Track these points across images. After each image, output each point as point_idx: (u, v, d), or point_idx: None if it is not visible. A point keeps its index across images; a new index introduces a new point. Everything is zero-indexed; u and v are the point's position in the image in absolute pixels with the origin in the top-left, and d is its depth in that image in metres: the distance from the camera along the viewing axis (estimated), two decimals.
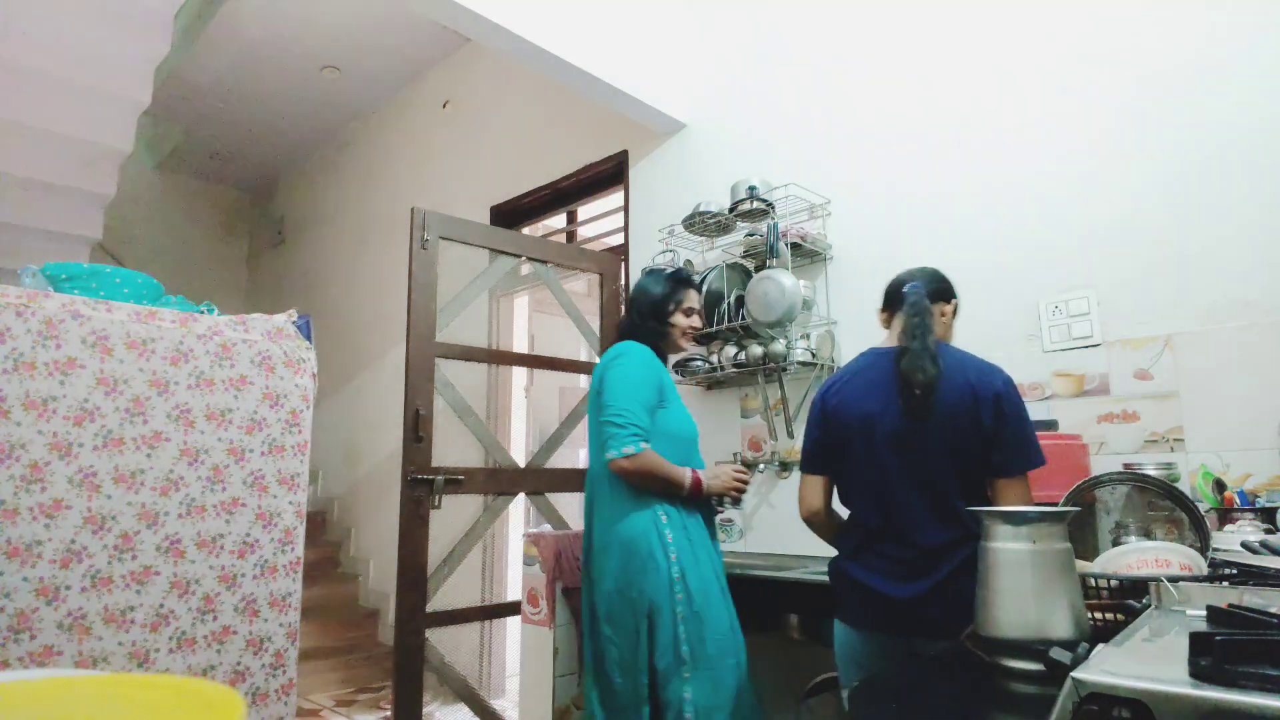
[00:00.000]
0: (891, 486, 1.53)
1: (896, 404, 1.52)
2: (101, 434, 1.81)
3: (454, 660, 3.01)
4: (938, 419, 1.49)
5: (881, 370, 1.59)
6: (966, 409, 1.49)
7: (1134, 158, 2.07)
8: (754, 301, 2.49)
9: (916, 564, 1.48)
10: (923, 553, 1.48)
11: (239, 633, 1.96)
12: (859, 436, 1.58)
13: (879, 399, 1.56)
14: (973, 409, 1.49)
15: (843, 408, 1.62)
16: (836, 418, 1.63)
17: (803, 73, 2.85)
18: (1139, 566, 1.21)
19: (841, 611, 1.62)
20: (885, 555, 1.53)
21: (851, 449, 1.59)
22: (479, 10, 2.44)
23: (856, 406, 1.59)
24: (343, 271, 5.43)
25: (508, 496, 3.00)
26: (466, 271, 3.03)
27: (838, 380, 1.68)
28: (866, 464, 1.57)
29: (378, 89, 5.02)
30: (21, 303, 1.75)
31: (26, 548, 1.68)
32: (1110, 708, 0.61)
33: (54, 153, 3.78)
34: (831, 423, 1.64)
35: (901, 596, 1.48)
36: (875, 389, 1.58)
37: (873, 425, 1.55)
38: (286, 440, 2.12)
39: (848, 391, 1.63)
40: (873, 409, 1.56)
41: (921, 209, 2.46)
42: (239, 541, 1.99)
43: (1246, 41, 1.93)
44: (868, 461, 1.56)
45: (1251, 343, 1.85)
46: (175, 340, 1.96)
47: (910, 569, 1.48)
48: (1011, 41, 2.33)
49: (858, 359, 1.70)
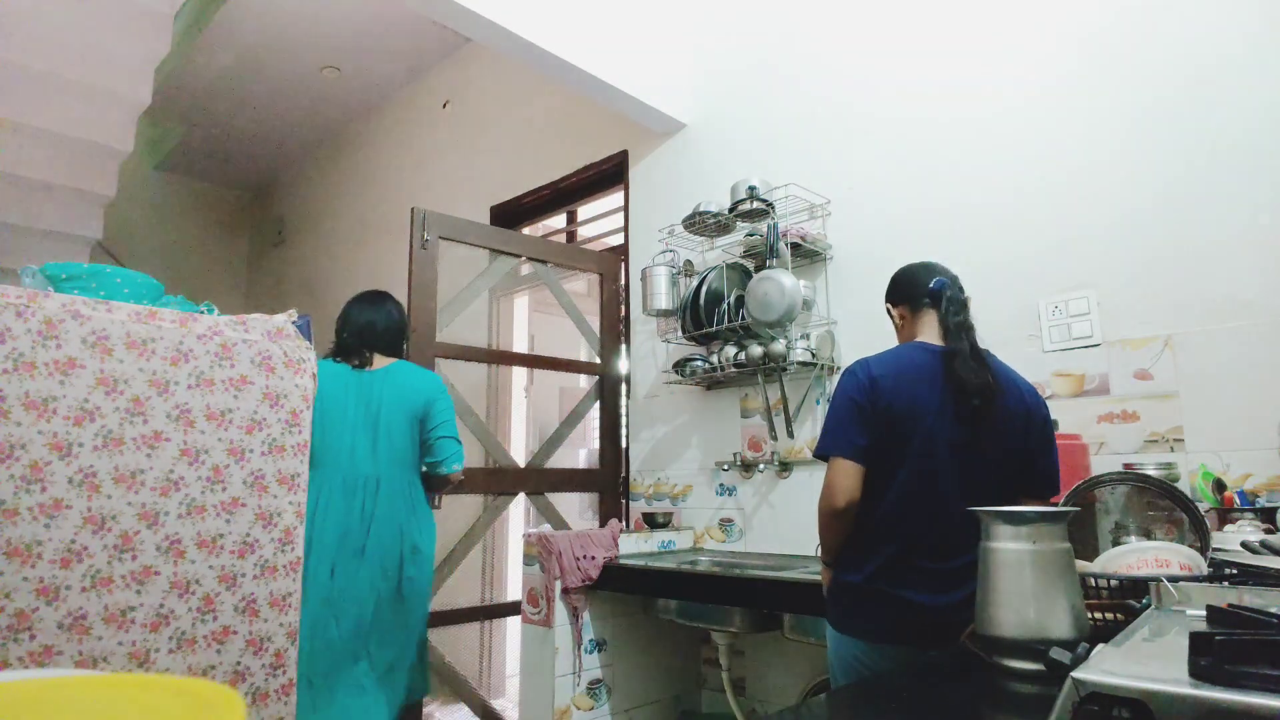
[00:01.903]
0: (943, 495, 1.43)
1: (951, 407, 1.44)
2: (101, 434, 1.81)
3: (454, 660, 3.00)
4: (993, 429, 1.45)
5: (930, 368, 1.48)
6: (1020, 424, 1.48)
7: (1134, 158, 2.07)
8: (754, 301, 2.49)
9: (951, 578, 1.41)
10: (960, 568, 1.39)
11: (239, 633, 1.96)
12: (918, 435, 1.44)
13: (935, 399, 1.45)
14: (1025, 426, 1.48)
15: (900, 397, 1.45)
16: (893, 407, 1.45)
17: (803, 73, 2.85)
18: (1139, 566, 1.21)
19: (854, 624, 1.49)
20: (919, 569, 1.43)
21: (907, 446, 1.44)
22: (479, 10, 2.44)
23: (915, 400, 1.45)
24: (343, 271, 5.43)
25: (508, 496, 3.00)
26: (466, 271, 3.03)
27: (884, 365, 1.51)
28: (919, 466, 1.44)
29: (378, 89, 5.02)
30: (21, 303, 1.75)
31: (26, 548, 1.68)
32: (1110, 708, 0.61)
33: (54, 153, 3.78)
34: (887, 410, 1.45)
35: (938, 605, 1.41)
36: (928, 386, 1.46)
37: (932, 425, 1.44)
38: (286, 440, 2.12)
39: (903, 381, 1.47)
40: (931, 407, 1.44)
41: (921, 209, 2.46)
42: (239, 541, 1.99)
43: (1247, 41, 1.93)
44: (921, 464, 1.44)
45: (1251, 343, 1.85)
46: (175, 340, 1.96)
47: (945, 582, 1.42)
48: (1011, 42, 2.33)
49: (903, 349, 1.55)
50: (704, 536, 2.90)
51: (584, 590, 2.46)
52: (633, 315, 3.28)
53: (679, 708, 2.78)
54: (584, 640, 2.47)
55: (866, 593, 1.47)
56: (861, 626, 1.48)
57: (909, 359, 1.52)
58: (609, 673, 2.54)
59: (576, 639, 2.45)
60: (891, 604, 1.44)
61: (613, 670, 2.55)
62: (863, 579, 1.47)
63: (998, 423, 1.46)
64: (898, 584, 1.43)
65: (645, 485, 3.14)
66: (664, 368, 3.01)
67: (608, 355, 3.28)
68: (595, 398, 3.28)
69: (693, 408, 3.01)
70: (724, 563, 2.55)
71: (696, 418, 3.00)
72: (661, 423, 3.11)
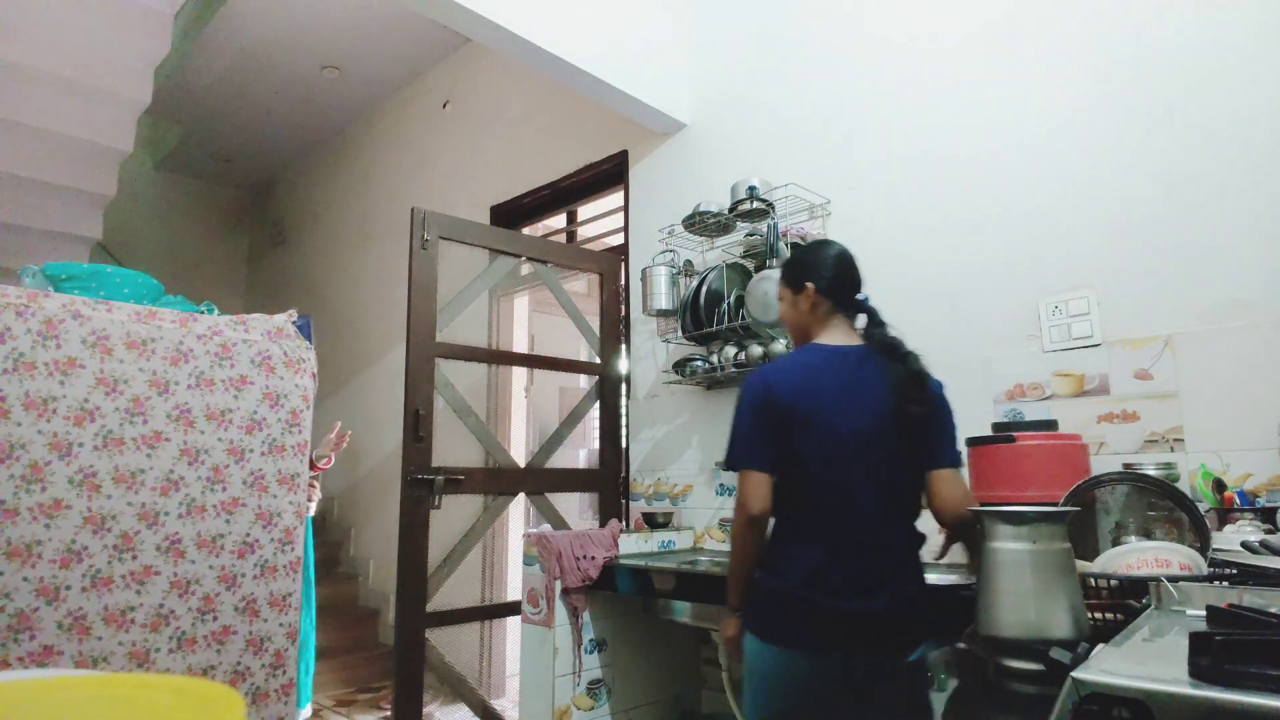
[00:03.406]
0: (855, 493, 1.44)
1: (859, 405, 1.46)
2: (101, 434, 1.81)
3: (454, 660, 3.00)
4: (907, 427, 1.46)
5: (839, 368, 1.50)
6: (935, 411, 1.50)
7: (1135, 158, 2.07)
8: (754, 301, 2.49)
9: (873, 579, 1.42)
10: (882, 562, 1.44)
11: (239, 633, 1.96)
12: (822, 436, 1.45)
13: (840, 399, 1.47)
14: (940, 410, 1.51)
15: (795, 401, 1.47)
16: (791, 411, 1.46)
17: (803, 73, 2.85)
18: (1139, 566, 1.21)
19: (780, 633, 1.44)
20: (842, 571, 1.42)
21: (816, 449, 1.45)
22: (479, 10, 2.44)
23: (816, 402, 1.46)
24: (343, 271, 5.43)
25: (508, 496, 3.00)
26: (466, 271, 3.03)
27: (782, 372, 1.52)
28: (828, 467, 1.45)
29: (378, 89, 5.02)
30: (21, 303, 1.75)
31: (26, 548, 1.68)
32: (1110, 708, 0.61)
33: (54, 153, 3.78)
34: (785, 416, 1.46)
35: (862, 611, 1.40)
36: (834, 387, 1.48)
37: (836, 425, 1.45)
38: (286, 440, 2.12)
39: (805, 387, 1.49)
40: (834, 407, 1.46)
41: (921, 209, 2.46)
42: (239, 541, 1.99)
43: (1248, 41, 1.93)
44: (830, 465, 1.45)
45: (1251, 343, 1.85)
46: (175, 340, 1.96)
47: (867, 585, 1.42)
48: (1012, 41, 2.33)
49: (803, 355, 1.56)
50: (704, 536, 2.90)
51: (584, 590, 2.46)
52: (633, 315, 3.28)
53: (679, 708, 2.78)
54: (584, 640, 2.47)
55: (792, 599, 1.44)
56: (788, 635, 1.44)
57: (810, 362, 1.52)
58: (609, 673, 2.54)
59: (576, 639, 2.45)
60: (818, 611, 1.41)
61: (613, 670, 2.55)
62: (788, 585, 1.44)
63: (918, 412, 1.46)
64: (822, 589, 1.41)
65: (645, 485, 3.14)
66: (664, 368, 3.01)
67: (608, 355, 3.28)
68: (595, 398, 3.28)
69: (693, 408, 3.01)
70: (724, 563, 2.55)
71: (696, 418, 2.99)
72: (661, 423, 3.11)
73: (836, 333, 1.57)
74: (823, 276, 1.58)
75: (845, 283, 1.59)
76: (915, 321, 2.43)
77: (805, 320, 1.60)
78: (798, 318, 1.62)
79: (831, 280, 1.58)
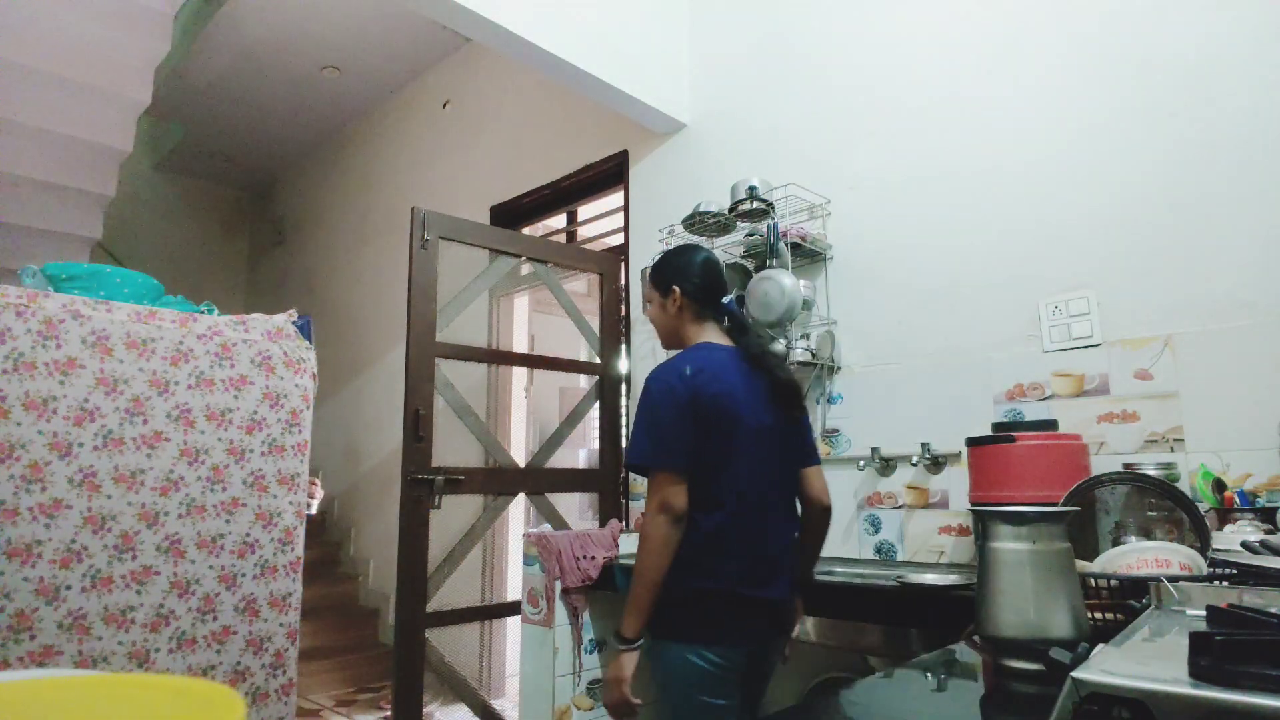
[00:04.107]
0: (768, 488, 1.51)
1: (760, 401, 1.52)
2: (101, 434, 1.81)
3: (454, 660, 3.01)
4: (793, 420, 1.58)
5: (740, 369, 1.53)
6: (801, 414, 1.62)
7: (1135, 158, 2.07)
8: (754, 301, 2.49)
9: (775, 565, 1.51)
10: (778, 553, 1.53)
11: (239, 633, 1.96)
12: (744, 433, 1.48)
13: (748, 395, 1.50)
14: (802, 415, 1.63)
15: (719, 395, 1.47)
16: (716, 406, 1.46)
17: (803, 73, 2.85)
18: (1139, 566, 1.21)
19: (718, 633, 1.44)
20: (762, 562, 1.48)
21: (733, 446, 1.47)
22: (479, 10, 2.44)
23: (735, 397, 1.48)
24: (343, 271, 5.43)
25: (508, 496, 3.00)
26: (466, 271, 3.03)
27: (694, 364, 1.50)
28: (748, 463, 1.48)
29: (378, 89, 5.02)
30: (21, 303, 1.75)
31: (26, 548, 1.68)
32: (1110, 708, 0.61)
33: (54, 153, 3.78)
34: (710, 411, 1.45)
35: (772, 599, 1.49)
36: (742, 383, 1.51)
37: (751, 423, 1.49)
38: (286, 440, 2.12)
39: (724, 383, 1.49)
40: (748, 402, 1.49)
41: (921, 209, 2.46)
42: (239, 541, 1.99)
43: (1248, 41, 1.93)
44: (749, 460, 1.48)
45: (1251, 343, 1.85)
46: (175, 340, 1.96)
47: (772, 572, 1.50)
48: (1012, 41, 2.33)
49: (703, 351, 1.55)
50: None
51: (584, 590, 2.46)
52: (633, 315, 3.28)
53: None
54: (584, 640, 2.47)
55: (727, 596, 1.44)
56: (728, 633, 1.44)
57: (716, 358, 1.54)
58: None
59: (576, 639, 2.45)
60: (749, 604, 1.46)
61: None
62: (722, 584, 1.44)
63: (797, 414, 1.58)
64: (750, 583, 1.46)
65: (645, 485, 3.13)
66: None
67: (608, 355, 3.28)
68: (595, 398, 3.28)
69: None
70: None
71: None
72: None
73: (711, 335, 1.61)
74: (690, 280, 1.62)
75: (711, 287, 1.64)
76: (915, 321, 2.44)
77: (675, 323, 1.65)
78: (668, 320, 1.66)
79: (699, 285, 1.62)
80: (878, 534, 2.42)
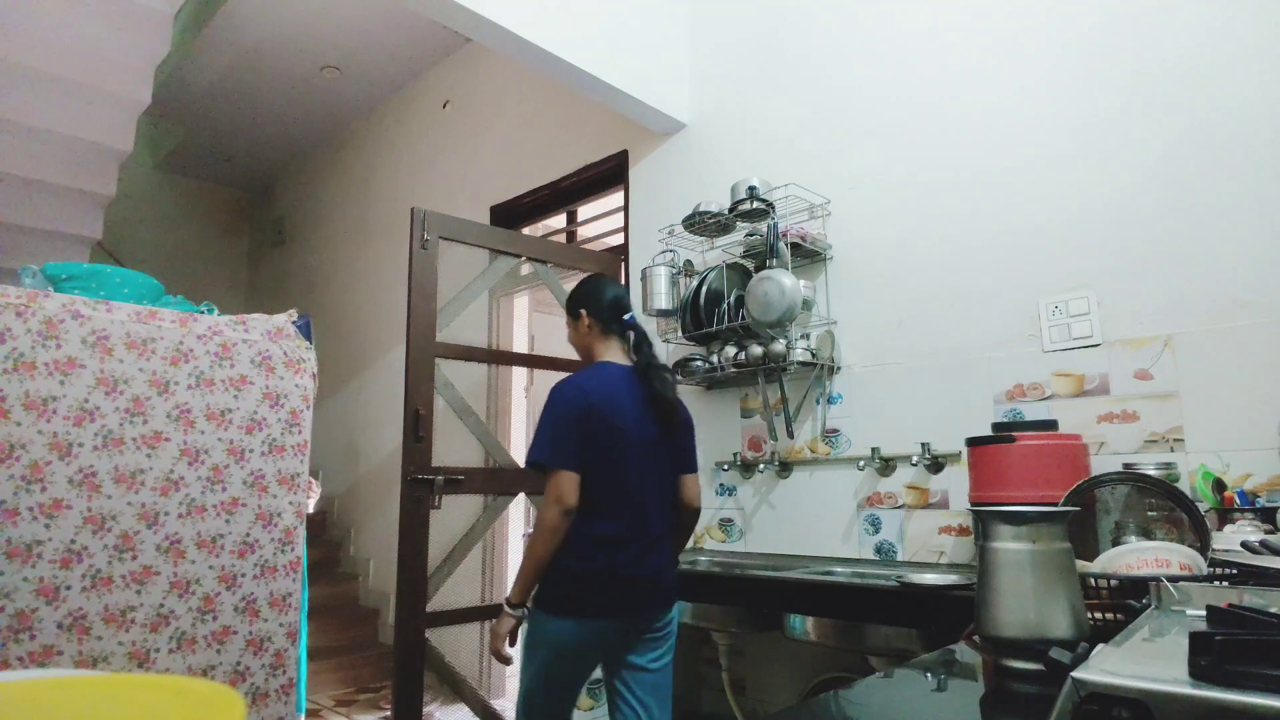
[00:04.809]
0: (645, 489, 1.76)
1: (646, 415, 1.78)
2: (101, 434, 1.81)
3: (454, 660, 3.00)
4: (674, 429, 1.84)
5: (629, 384, 1.80)
6: (685, 424, 1.91)
7: (1134, 158, 2.07)
8: (754, 301, 2.49)
9: (651, 549, 1.75)
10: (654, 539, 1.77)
11: (239, 633, 1.96)
12: (627, 442, 1.74)
13: (634, 409, 1.77)
14: (687, 424, 1.92)
15: (608, 411, 1.74)
16: (605, 420, 1.73)
17: (803, 73, 2.85)
18: (1139, 566, 1.21)
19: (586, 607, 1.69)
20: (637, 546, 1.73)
21: (616, 450, 1.73)
22: (479, 10, 2.44)
23: (620, 411, 1.75)
24: (343, 271, 5.43)
25: (508, 496, 3.00)
26: (466, 271, 3.03)
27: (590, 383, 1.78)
28: (629, 468, 1.74)
29: (378, 89, 5.02)
30: (21, 303, 1.75)
31: (26, 548, 1.68)
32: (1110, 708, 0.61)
33: (54, 153, 3.78)
34: (600, 424, 1.72)
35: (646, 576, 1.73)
36: (627, 399, 1.77)
37: (634, 433, 1.75)
38: (286, 440, 2.12)
39: (610, 396, 1.76)
40: (633, 416, 1.76)
41: (921, 209, 2.46)
42: (239, 541, 1.99)
43: (1248, 40, 1.93)
44: (630, 466, 1.74)
45: (1251, 343, 1.85)
46: (175, 340, 1.96)
47: (646, 554, 1.74)
48: (1012, 41, 2.33)
49: (601, 370, 1.83)
50: (704, 536, 2.90)
51: None
52: None
53: (679, 708, 2.78)
54: None
55: (599, 575, 1.69)
56: (595, 607, 1.69)
57: (610, 377, 1.80)
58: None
59: None
60: (617, 583, 1.70)
61: None
62: (595, 565, 1.69)
63: (678, 424, 1.85)
64: (621, 565, 1.70)
65: None
66: None
67: None
68: None
69: (693, 408, 2.99)
70: (724, 563, 2.55)
71: (696, 418, 2.97)
72: None
73: (615, 352, 1.88)
74: (595, 303, 1.90)
75: (613, 308, 1.90)
76: (915, 321, 2.44)
77: (586, 341, 1.92)
78: (580, 340, 1.94)
79: (602, 308, 1.89)
80: (878, 534, 2.42)
